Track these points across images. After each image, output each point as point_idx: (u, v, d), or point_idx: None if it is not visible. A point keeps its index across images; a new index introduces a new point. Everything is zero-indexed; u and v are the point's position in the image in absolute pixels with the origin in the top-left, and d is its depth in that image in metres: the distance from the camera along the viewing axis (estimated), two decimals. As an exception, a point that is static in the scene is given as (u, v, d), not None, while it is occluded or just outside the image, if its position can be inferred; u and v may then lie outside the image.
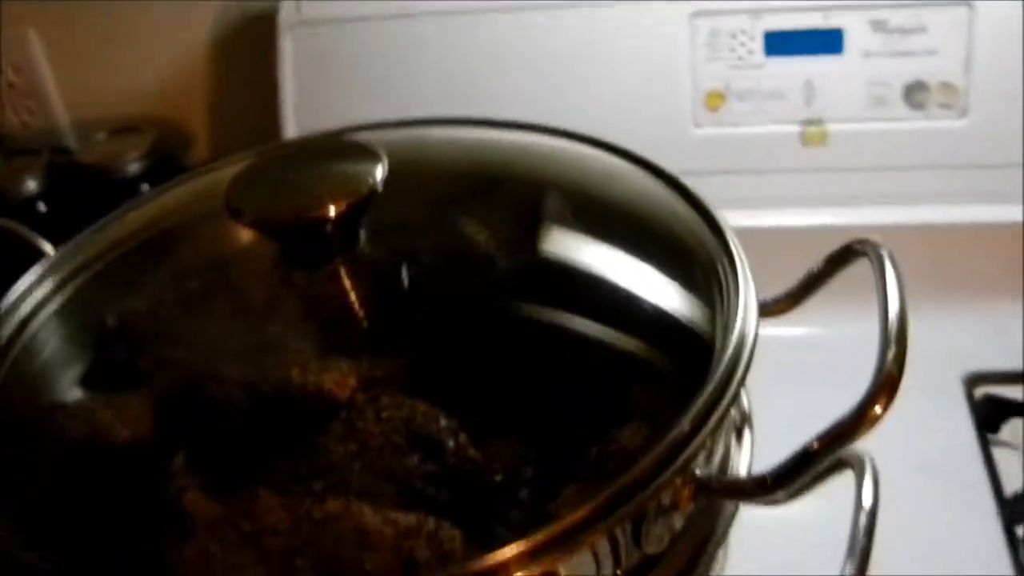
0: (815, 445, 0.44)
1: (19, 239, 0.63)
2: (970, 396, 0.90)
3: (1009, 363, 0.90)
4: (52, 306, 0.59)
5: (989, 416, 0.89)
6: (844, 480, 0.50)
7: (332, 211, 0.53)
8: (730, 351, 0.48)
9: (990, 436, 0.88)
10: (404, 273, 0.58)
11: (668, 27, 0.94)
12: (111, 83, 1.17)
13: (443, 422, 0.52)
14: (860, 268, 0.55)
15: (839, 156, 0.94)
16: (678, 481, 0.45)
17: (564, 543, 0.43)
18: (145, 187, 1.08)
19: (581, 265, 0.59)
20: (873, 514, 0.49)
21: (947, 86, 0.93)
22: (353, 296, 0.56)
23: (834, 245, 0.57)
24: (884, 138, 0.94)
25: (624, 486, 0.43)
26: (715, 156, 0.95)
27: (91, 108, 1.18)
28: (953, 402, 0.88)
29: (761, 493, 0.45)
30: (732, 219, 0.92)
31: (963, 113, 0.93)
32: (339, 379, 0.54)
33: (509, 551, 0.42)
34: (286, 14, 0.99)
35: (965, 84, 0.93)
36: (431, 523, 0.47)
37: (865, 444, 0.50)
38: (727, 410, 0.45)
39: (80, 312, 0.60)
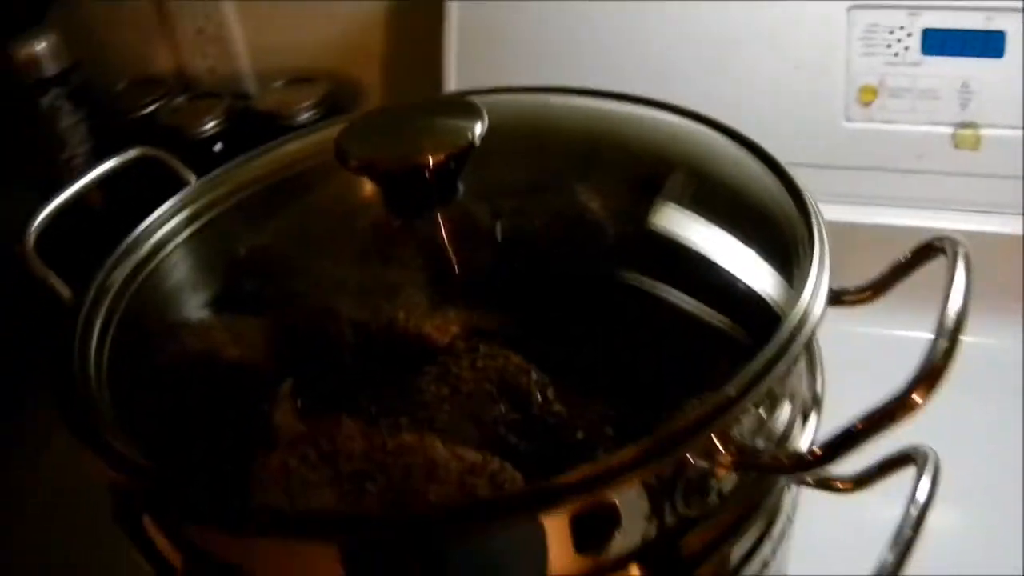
0: (857, 425, 0.44)
1: (168, 167, 0.67)
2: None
3: None
4: (187, 233, 0.63)
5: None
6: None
7: (431, 160, 0.56)
8: (790, 324, 0.49)
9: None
10: (502, 230, 0.60)
11: (826, 19, 0.94)
12: (292, 35, 1.22)
13: (534, 375, 0.54)
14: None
15: (990, 162, 0.93)
16: (716, 443, 0.46)
17: (593, 485, 0.44)
18: (314, 136, 1.13)
19: (678, 237, 0.60)
20: (925, 509, 0.50)
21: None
22: (455, 248, 0.59)
23: (975, 250, 0.56)
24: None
25: (661, 438, 0.44)
26: (864, 151, 0.95)
27: (272, 57, 1.24)
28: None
29: (799, 468, 0.46)
30: (877, 216, 0.93)
31: None
32: (441, 326, 0.57)
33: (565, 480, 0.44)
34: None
35: None
36: (495, 463, 0.49)
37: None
38: (774, 379, 0.46)
39: (212, 241, 0.64)
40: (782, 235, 0.57)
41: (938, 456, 0.52)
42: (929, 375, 0.43)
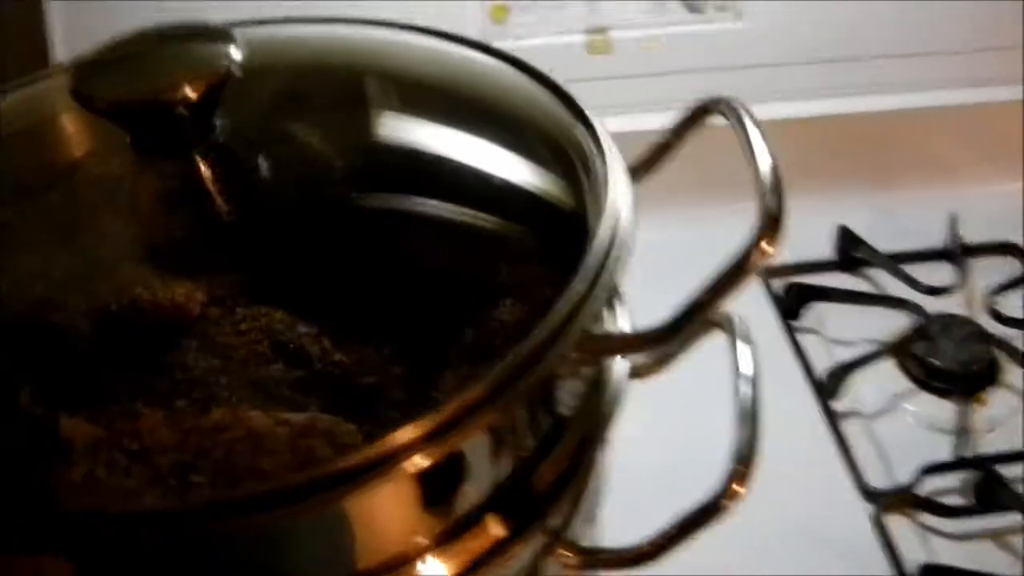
0: (704, 295, 0.44)
1: None
2: (768, 287, 0.93)
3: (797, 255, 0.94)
4: None
5: (790, 305, 0.92)
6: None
7: (190, 93, 0.50)
8: (610, 211, 0.48)
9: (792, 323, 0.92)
10: (252, 173, 0.55)
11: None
12: None
13: (302, 328, 0.50)
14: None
15: (625, 64, 0.96)
16: (579, 341, 0.44)
17: (466, 419, 0.42)
18: None
19: (428, 151, 0.58)
20: (755, 378, 0.50)
21: (721, -11, 0.96)
22: (201, 198, 0.53)
23: (626, 148, 0.56)
24: (665, 43, 0.96)
25: (531, 350, 0.42)
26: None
27: None
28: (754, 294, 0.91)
29: (656, 343, 0.46)
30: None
31: (739, 15, 0.96)
32: (187, 294, 0.51)
33: (408, 433, 0.41)
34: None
35: (738, -14, 0.96)
36: (325, 420, 0.45)
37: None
38: (618, 267, 0.45)
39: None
40: (537, 130, 0.56)
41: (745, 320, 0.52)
42: (770, 222, 0.43)
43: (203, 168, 0.53)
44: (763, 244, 0.43)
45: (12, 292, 0.52)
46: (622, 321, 0.54)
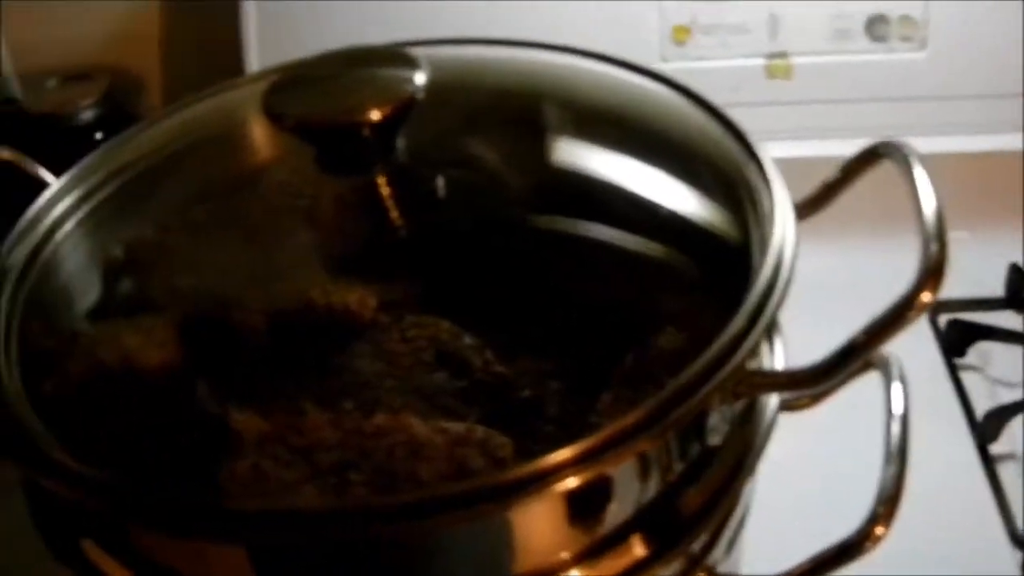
0: (862, 338, 0.44)
1: (24, 172, 0.61)
2: (934, 323, 0.92)
3: (967, 291, 0.92)
4: (64, 232, 0.58)
5: (955, 341, 0.91)
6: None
7: (375, 115, 0.52)
8: (775, 249, 0.48)
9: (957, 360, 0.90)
10: (430, 191, 0.57)
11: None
12: (58, 30, 1.14)
13: (467, 339, 0.52)
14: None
15: (804, 89, 0.95)
16: (734, 376, 0.45)
17: (620, 444, 0.43)
18: (99, 135, 1.06)
19: (597, 177, 0.59)
20: (905, 418, 0.50)
21: (907, 19, 0.94)
22: (378, 212, 0.56)
23: (798, 175, 0.57)
24: (847, 70, 0.95)
25: (687, 383, 0.43)
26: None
27: (36, 56, 1.15)
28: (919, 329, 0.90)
29: (812, 383, 0.46)
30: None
31: (922, 45, 0.95)
32: (360, 299, 0.53)
33: (564, 454, 0.42)
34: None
35: (924, 16, 0.94)
36: (480, 431, 0.47)
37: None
38: (779, 306, 0.46)
39: (93, 238, 0.59)
40: (710, 165, 0.57)
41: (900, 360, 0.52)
42: (933, 270, 0.43)
43: (383, 185, 0.55)
44: (924, 293, 0.43)
45: (195, 288, 0.55)
46: (778, 353, 0.54)
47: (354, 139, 0.54)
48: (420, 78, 0.54)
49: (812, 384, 0.46)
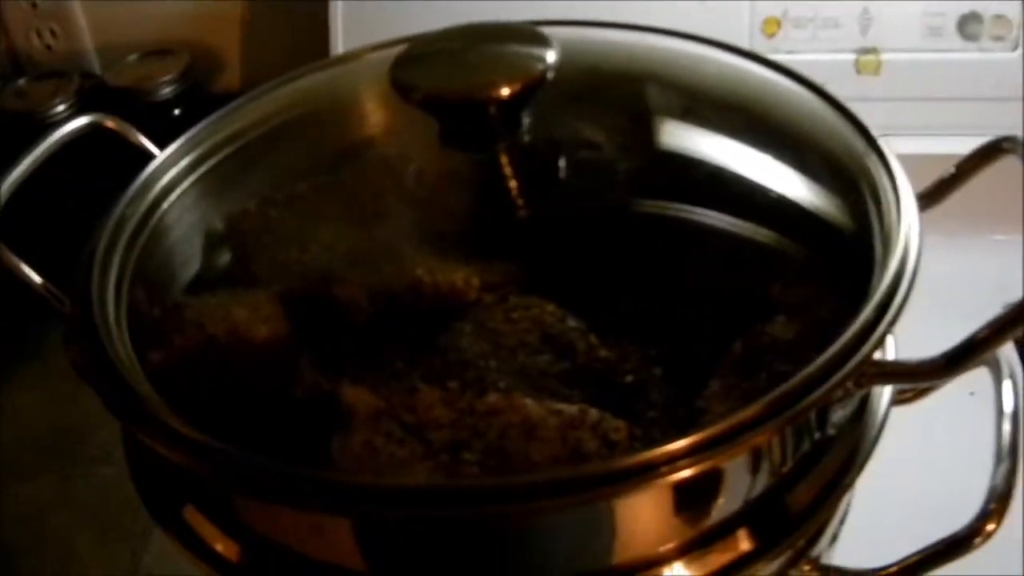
0: (985, 332, 0.43)
1: (123, 138, 0.60)
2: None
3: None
4: (171, 201, 0.58)
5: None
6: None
7: (505, 91, 0.52)
8: (901, 240, 0.47)
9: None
10: (539, 170, 0.57)
11: (730, -49, 0.93)
12: (140, 6, 1.14)
13: (571, 322, 0.52)
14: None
15: (892, 86, 0.94)
16: (861, 367, 0.44)
17: (741, 435, 0.42)
18: (177, 111, 1.06)
19: (713, 163, 0.58)
20: (1017, 416, 0.49)
21: (1001, 18, 0.93)
22: (487, 190, 0.55)
23: None
24: (937, 69, 0.94)
25: (814, 374, 0.42)
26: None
27: (117, 31, 1.15)
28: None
29: (934, 376, 0.45)
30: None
31: (1016, 45, 0.93)
32: (465, 279, 0.53)
33: (682, 442, 0.41)
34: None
35: (1019, 17, 0.93)
36: (594, 414, 0.46)
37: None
38: (907, 297, 0.45)
39: (200, 208, 0.59)
40: (827, 154, 0.56)
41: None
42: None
43: (503, 163, 0.55)
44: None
45: (299, 262, 0.55)
46: (890, 345, 0.53)
47: (480, 115, 0.53)
48: (551, 56, 0.53)
49: (934, 377, 0.45)
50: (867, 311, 0.44)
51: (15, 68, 1.16)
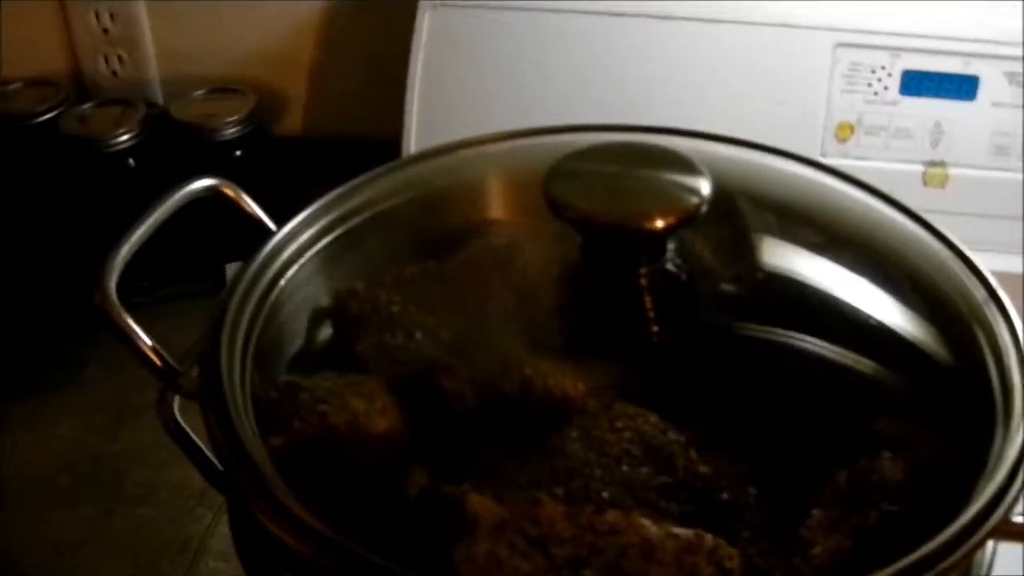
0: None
1: (236, 206, 0.61)
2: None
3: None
4: (287, 279, 0.58)
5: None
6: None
7: (659, 223, 0.52)
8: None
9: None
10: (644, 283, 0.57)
11: (812, 55, 0.94)
12: (209, 41, 1.14)
13: (672, 434, 0.52)
14: None
15: (957, 200, 0.95)
16: (996, 529, 0.44)
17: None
18: (239, 152, 1.06)
19: (823, 291, 0.59)
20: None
21: (1069, 142, 0.94)
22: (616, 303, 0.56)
23: None
24: (1002, 187, 0.95)
25: (953, 536, 0.43)
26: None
27: (184, 64, 1.15)
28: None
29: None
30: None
31: (1081, 171, 0.95)
32: (574, 384, 0.54)
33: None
34: (427, -9, 0.98)
35: (1086, 142, 0.94)
36: (710, 540, 0.46)
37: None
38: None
39: (314, 287, 0.59)
40: (935, 289, 0.57)
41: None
42: None
43: (642, 286, 0.55)
44: None
45: (410, 348, 0.56)
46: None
47: (628, 242, 0.54)
48: (705, 188, 0.54)
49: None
50: (1001, 474, 0.44)
51: (79, 92, 1.16)
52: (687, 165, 0.55)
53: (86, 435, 0.92)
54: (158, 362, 0.53)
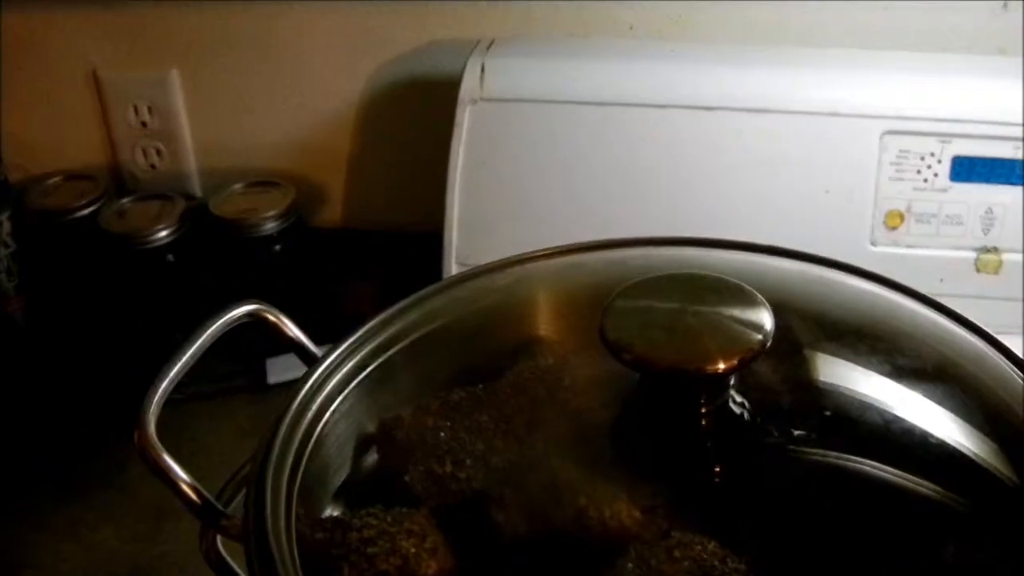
0: None
1: (277, 330, 0.59)
2: None
3: None
4: (331, 411, 0.57)
5: None
6: None
7: (721, 366, 0.51)
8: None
9: None
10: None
11: (859, 143, 0.93)
12: (247, 133, 1.14)
13: (731, 563, 0.50)
14: None
15: (1010, 286, 0.93)
16: None
17: None
18: (278, 247, 1.05)
19: (885, 412, 0.57)
20: None
21: (1121, 229, 0.93)
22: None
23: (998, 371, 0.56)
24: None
25: None
26: (888, 275, 0.94)
27: (222, 156, 1.15)
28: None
29: None
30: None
31: None
32: (630, 512, 0.52)
33: None
34: (468, 86, 0.97)
35: None
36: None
37: None
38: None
39: (358, 416, 0.58)
40: (1002, 407, 0.55)
41: None
42: None
43: (703, 426, 0.54)
44: None
45: (459, 477, 0.54)
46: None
47: (686, 383, 0.52)
48: (768, 323, 0.52)
49: None
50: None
51: (118, 185, 1.16)
52: (747, 297, 0.54)
53: (127, 542, 0.91)
54: (198, 501, 0.52)
